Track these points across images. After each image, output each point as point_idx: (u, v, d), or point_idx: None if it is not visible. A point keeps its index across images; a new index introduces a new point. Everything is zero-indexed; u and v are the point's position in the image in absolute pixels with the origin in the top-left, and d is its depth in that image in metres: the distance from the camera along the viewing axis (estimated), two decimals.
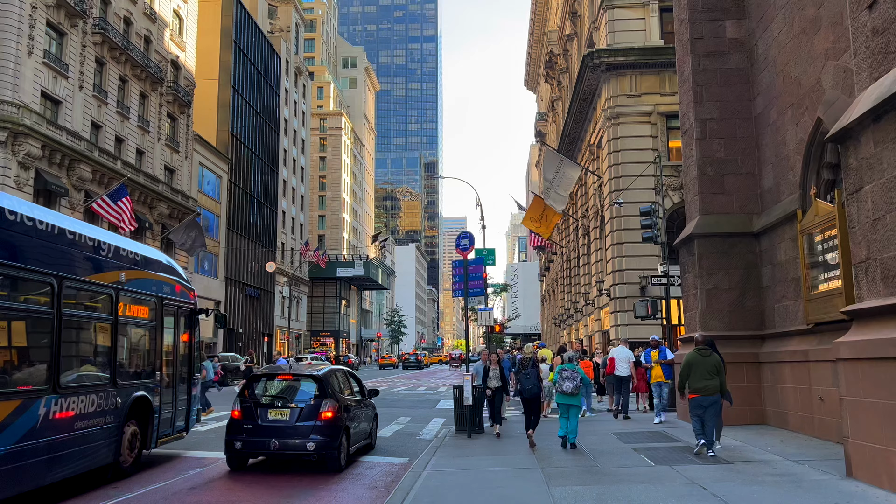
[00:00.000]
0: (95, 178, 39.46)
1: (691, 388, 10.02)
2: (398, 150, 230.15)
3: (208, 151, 56.42)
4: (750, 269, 13.89)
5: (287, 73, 78.07)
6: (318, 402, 9.72)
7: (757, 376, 13.43)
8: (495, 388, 13.45)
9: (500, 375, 13.52)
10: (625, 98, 32.02)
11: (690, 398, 10.05)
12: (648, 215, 18.49)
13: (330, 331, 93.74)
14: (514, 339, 78.21)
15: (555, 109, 56.93)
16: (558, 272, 56.04)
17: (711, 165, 14.35)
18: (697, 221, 14.22)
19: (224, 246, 59.01)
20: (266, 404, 9.78)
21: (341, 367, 11.77)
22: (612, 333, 31.00)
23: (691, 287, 14.48)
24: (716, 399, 9.93)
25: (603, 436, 12.78)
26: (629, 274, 29.88)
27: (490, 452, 11.33)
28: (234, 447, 9.61)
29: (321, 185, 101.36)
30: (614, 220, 31.14)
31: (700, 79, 14.67)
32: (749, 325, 13.72)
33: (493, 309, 45.06)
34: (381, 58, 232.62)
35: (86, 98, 39.76)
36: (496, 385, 13.46)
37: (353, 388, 11.40)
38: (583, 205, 41.39)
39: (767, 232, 13.43)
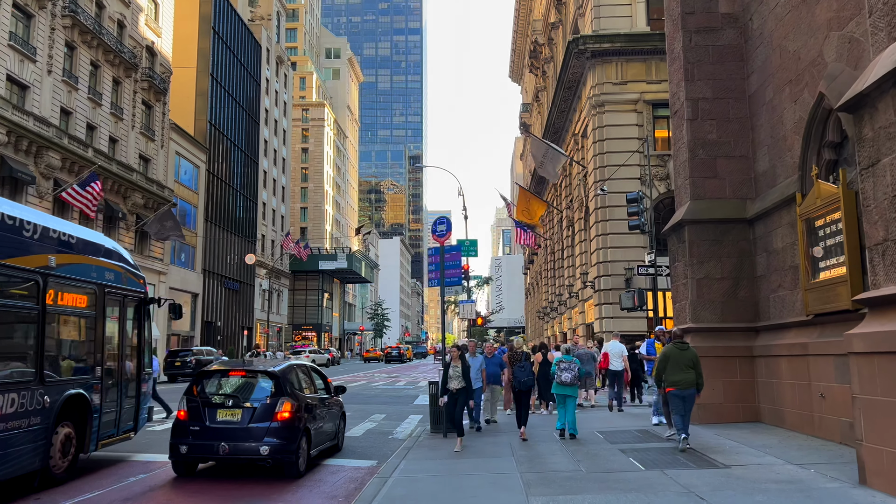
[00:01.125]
0: (65, 166, 38.09)
1: (668, 381, 10.15)
2: (383, 143, 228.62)
3: (185, 140, 55.00)
4: (743, 257, 13.09)
5: (268, 61, 76.57)
6: (274, 401, 8.77)
7: (751, 371, 12.65)
8: (457, 389, 11.29)
9: (463, 374, 11.33)
10: (610, 86, 31.21)
11: (668, 391, 10.20)
12: (635, 202, 17.66)
13: (312, 324, 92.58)
14: (499, 333, 77.56)
15: (539, 100, 56.08)
16: (542, 265, 55.30)
17: (703, 148, 13.52)
18: (688, 207, 13.39)
19: (202, 237, 57.67)
20: (215, 404, 8.79)
21: (303, 362, 10.81)
22: (596, 326, 30.24)
23: (681, 276, 13.66)
24: (692, 392, 10.13)
25: (588, 435, 11.93)
26: (614, 265, 29.12)
27: (466, 454, 10.45)
28: (179, 451, 8.63)
29: (303, 176, 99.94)
30: (599, 210, 30.34)
31: (691, 56, 13.82)
32: (742, 317, 12.93)
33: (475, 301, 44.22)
34: (366, 50, 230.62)
35: (55, 83, 38.34)
36: (458, 386, 11.29)
37: (315, 386, 10.45)
38: (567, 196, 40.59)
39: (762, 218, 12.63)
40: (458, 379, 11.33)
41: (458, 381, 11.33)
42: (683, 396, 10.03)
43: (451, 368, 11.43)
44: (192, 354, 38.36)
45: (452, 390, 11.32)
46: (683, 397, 10.03)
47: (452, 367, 11.43)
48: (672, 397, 10.17)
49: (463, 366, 11.37)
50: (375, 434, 13.82)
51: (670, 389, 10.12)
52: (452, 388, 11.31)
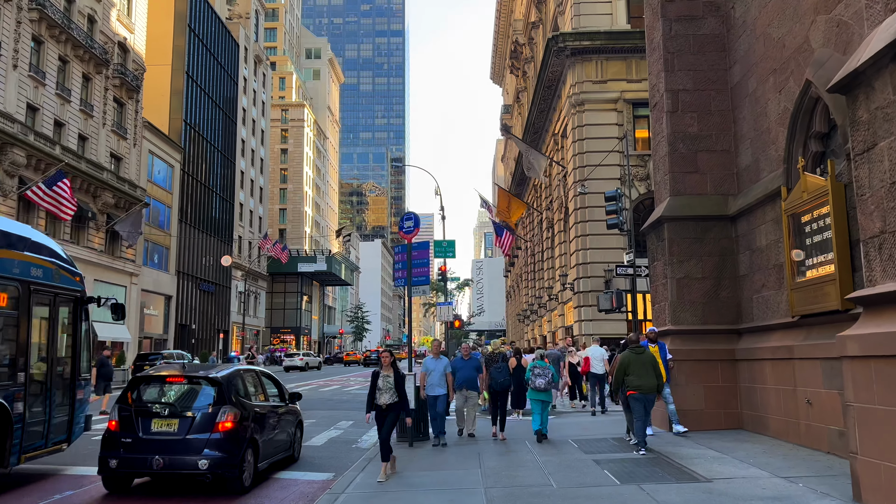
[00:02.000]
0: (31, 164, 36.85)
1: (631, 385, 10.18)
2: (365, 145, 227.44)
3: (159, 139, 53.78)
4: (725, 255, 12.49)
5: (246, 61, 75.42)
6: (216, 409, 7.95)
7: (733, 375, 12.03)
8: (388, 405, 9.00)
9: (395, 385, 9.08)
10: (590, 84, 30.70)
11: (630, 395, 10.20)
12: (614, 200, 17.03)
13: (291, 327, 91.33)
14: (480, 336, 76.89)
15: (520, 101, 55.58)
16: (523, 267, 54.74)
17: (683, 141, 12.91)
18: (668, 203, 12.77)
19: (176, 238, 56.41)
20: (151, 413, 7.95)
21: (253, 367, 9.99)
22: (575, 329, 29.65)
23: (660, 276, 13.04)
24: (653, 398, 10.25)
25: (563, 443, 11.24)
26: (594, 267, 28.56)
27: (430, 466, 9.71)
28: (108, 466, 7.78)
29: (282, 177, 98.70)
30: (578, 210, 29.79)
31: (671, 45, 13.22)
32: (724, 319, 12.31)
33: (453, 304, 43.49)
34: (348, 51, 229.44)
35: (20, 78, 37.10)
36: (389, 401, 8.99)
37: (266, 393, 9.65)
38: (547, 197, 40.04)
39: (745, 214, 12.03)
40: (391, 392, 9.06)
41: (389, 395, 9.03)
42: (646, 400, 10.13)
43: (381, 379, 9.14)
44: (162, 358, 37.22)
45: (382, 406, 9.01)
46: (646, 401, 10.13)
47: (383, 376, 9.13)
48: (633, 401, 10.17)
49: (396, 375, 9.15)
50: (339, 443, 13.02)
51: (632, 393, 10.15)
52: (382, 403, 9.00)
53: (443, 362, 11.65)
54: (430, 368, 11.64)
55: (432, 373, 11.60)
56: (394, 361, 9.31)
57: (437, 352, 11.87)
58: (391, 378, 9.11)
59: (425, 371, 11.68)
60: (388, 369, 9.20)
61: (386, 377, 9.12)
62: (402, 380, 9.23)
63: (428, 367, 11.68)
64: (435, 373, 11.56)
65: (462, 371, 12.06)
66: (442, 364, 11.62)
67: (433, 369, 11.60)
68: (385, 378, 9.11)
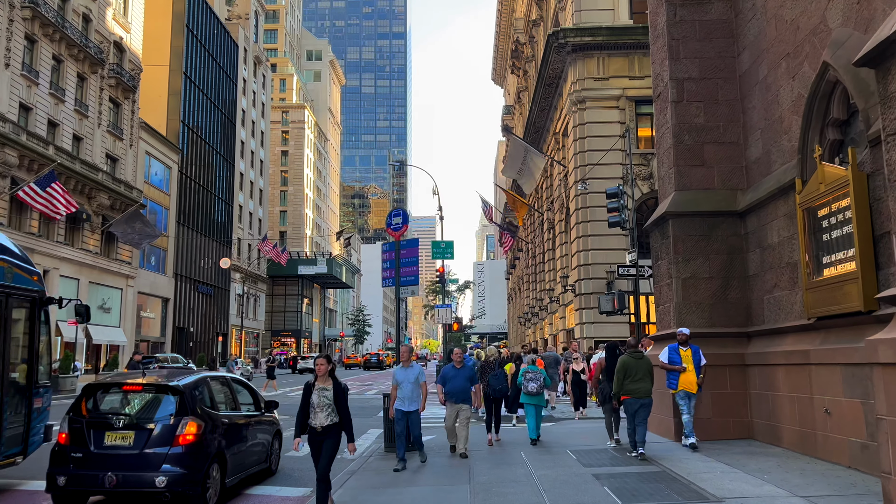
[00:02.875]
0: (24, 164, 36.25)
1: (625, 389, 10.07)
2: (367, 148, 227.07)
3: (156, 140, 53.18)
4: (734, 254, 11.74)
5: (245, 61, 74.86)
6: (177, 421, 7.23)
7: (743, 381, 11.27)
8: (324, 427, 7.03)
9: (335, 401, 7.07)
10: (592, 81, 29.96)
11: (624, 399, 10.09)
12: (616, 197, 16.28)
13: (291, 330, 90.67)
14: (481, 339, 76.10)
15: (521, 101, 54.87)
16: (524, 269, 53.99)
17: (689, 133, 12.17)
18: (672, 198, 12.02)
19: (174, 240, 55.78)
20: (104, 425, 7.22)
21: (223, 374, 9.25)
22: (577, 332, 28.88)
23: (665, 276, 12.28)
24: (647, 402, 10.06)
25: (560, 454, 10.49)
26: (595, 268, 27.80)
27: (416, 481, 8.97)
28: (56, 483, 7.05)
29: (283, 179, 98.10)
30: (580, 210, 29.04)
31: (676, 32, 12.48)
32: (733, 321, 11.56)
33: (451, 306, 42.73)
34: (350, 54, 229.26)
35: (13, 77, 36.52)
36: (326, 422, 7.02)
37: (238, 402, 8.90)
38: (548, 198, 39.30)
39: (755, 210, 11.28)
40: (328, 410, 7.03)
41: (327, 414, 7.01)
42: (635, 407, 10.00)
43: (315, 393, 7.08)
44: (157, 362, 36.55)
45: (317, 429, 7.00)
46: (635, 408, 10.00)
47: (319, 390, 7.09)
48: (627, 405, 10.09)
49: (336, 389, 7.10)
50: None
51: (626, 398, 10.06)
52: (317, 424, 6.98)
53: (414, 371, 9.98)
54: (400, 380, 9.95)
55: (402, 384, 9.92)
56: (333, 370, 7.25)
57: (408, 358, 10.19)
58: (329, 392, 7.05)
59: (395, 384, 10.03)
60: (326, 381, 7.15)
61: (322, 391, 7.06)
62: (343, 394, 7.20)
63: (397, 379, 10.00)
64: (405, 384, 9.90)
65: (453, 381, 10.59)
66: (414, 373, 9.96)
67: (402, 380, 9.92)
68: (321, 392, 7.05)
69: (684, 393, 10.34)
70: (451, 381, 10.66)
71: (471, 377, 10.79)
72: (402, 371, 10.05)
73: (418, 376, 9.98)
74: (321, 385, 7.17)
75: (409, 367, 10.06)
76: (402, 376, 9.97)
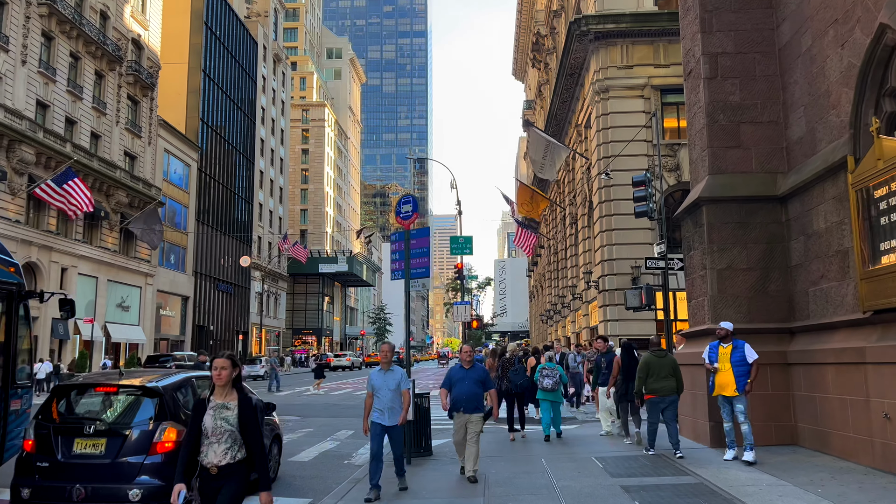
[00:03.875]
0: (41, 162, 36.09)
1: (648, 388, 9.91)
2: (388, 147, 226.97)
3: (175, 138, 53.00)
4: (774, 242, 10.75)
5: (265, 59, 74.61)
6: (156, 427, 6.49)
7: (786, 382, 10.28)
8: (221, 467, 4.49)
9: (241, 428, 4.53)
10: (615, 70, 28.90)
11: (647, 398, 9.94)
12: (642, 185, 15.30)
13: (312, 328, 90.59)
14: (503, 337, 75.21)
15: (542, 94, 53.83)
16: (546, 266, 52.97)
17: (724, 112, 11.19)
18: (706, 183, 11.05)
19: (193, 238, 55.57)
20: (73, 431, 6.51)
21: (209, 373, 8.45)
22: (601, 329, 27.86)
23: (698, 268, 11.32)
24: (673, 400, 9.85)
25: (585, 461, 9.61)
26: (620, 264, 26.77)
27: (425, 492, 8.16)
28: (20, 496, 6.34)
29: (303, 178, 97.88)
30: (603, 204, 28.02)
31: (709, 3, 11.50)
32: (774, 316, 10.58)
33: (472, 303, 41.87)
34: (371, 53, 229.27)
35: (30, 74, 36.37)
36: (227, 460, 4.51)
37: None
38: (570, 192, 38.26)
39: (798, 193, 10.29)
40: (229, 439, 4.51)
41: (227, 446, 4.51)
42: (663, 405, 9.80)
43: (210, 413, 4.56)
44: (174, 360, 36.11)
45: (210, 469, 4.47)
46: (662, 406, 9.80)
47: (215, 408, 4.56)
48: (651, 405, 9.94)
49: (241, 407, 4.57)
50: (330, 458, 11.51)
51: (650, 397, 9.89)
52: (210, 463, 4.47)
53: (395, 376, 8.16)
54: (377, 385, 8.12)
55: (380, 392, 8.07)
56: (238, 377, 4.70)
57: (389, 360, 8.29)
58: (231, 413, 4.50)
59: (370, 390, 8.20)
60: (228, 394, 4.61)
61: (220, 410, 4.52)
62: (253, 415, 4.63)
63: (373, 384, 8.15)
64: (383, 391, 8.05)
65: (461, 385, 8.74)
66: (394, 378, 8.13)
67: (380, 386, 8.09)
68: (218, 412, 4.52)
69: (721, 397, 9.27)
70: (459, 385, 8.78)
71: (483, 380, 8.80)
72: (379, 375, 8.19)
73: (400, 382, 8.14)
74: (219, 401, 4.57)
75: (390, 370, 8.20)
76: (379, 381, 8.12)
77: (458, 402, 8.76)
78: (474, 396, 8.72)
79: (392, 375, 8.16)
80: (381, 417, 8.05)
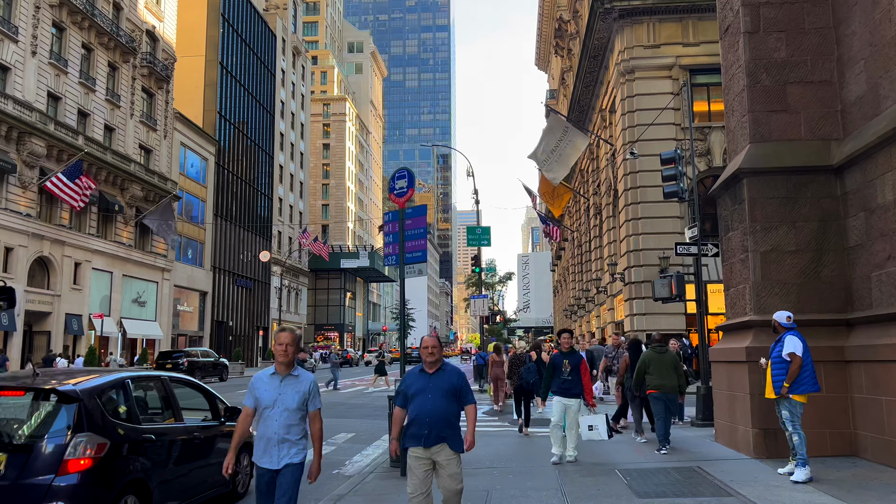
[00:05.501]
0: (52, 154, 35.44)
1: (651, 384, 9.99)
2: (411, 142, 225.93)
3: (192, 131, 52.29)
4: (828, 220, 9.25)
5: (283, 52, 73.79)
6: (71, 439, 5.27)
7: (843, 382, 8.80)
8: None
9: None
10: (641, 49, 27.37)
11: (650, 393, 10.03)
12: (672, 163, 13.81)
13: (334, 324, 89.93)
14: (527, 333, 73.80)
15: (565, 82, 52.15)
16: (569, 259, 51.37)
17: (767, 71, 9.70)
18: (748, 152, 9.58)
19: (211, 233, 54.91)
20: None
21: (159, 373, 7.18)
22: (626, 324, 26.36)
23: (738, 251, 9.86)
24: (673, 398, 10.11)
25: (607, 474, 8.24)
26: (647, 254, 25.25)
27: None
28: None
29: (325, 173, 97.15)
30: (629, 192, 26.50)
31: None
32: (828, 305, 9.09)
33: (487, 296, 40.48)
34: (394, 48, 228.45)
35: (40, 65, 35.72)
36: None
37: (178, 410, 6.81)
38: (594, 181, 36.68)
39: (858, 162, 8.78)
40: None
41: None
42: (667, 399, 9.92)
43: None
44: (186, 356, 35.33)
45: None
46: (667, 400, 9.91)
47: None
48: (654, 400, 9.99)
49: None
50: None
51: (652, 392, 9.97)
52: None
53: (301, 385, 4.99)
54: (265, 401, 4.97)
55: (268, 413, 4.93)
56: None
57: (290, 361, 5.01)
58: None
59: (251, 409, 5.06)
60: None
61: None
62: None
63: (260, 397, 4.99)
64: (275, 412, 4.92)
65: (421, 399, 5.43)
66: (297, 390, 4.98)
67: (269, 402, 4.95)
68: None
69: (783, 402, 7.70)
70: (419, 399, 5.43)
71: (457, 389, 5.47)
72: (269, 383, 4.99)
73: (306, 397, 4.96)
74: None
75: (293, 375, 5.00)
76: (268, 394, 4.95)
77: (416, 427, 5.41)
78: (445, 417, 5.38)
79: (294, 386, 4.95)
80: (264, 455, 4.92)
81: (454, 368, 5.65)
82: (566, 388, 9.19)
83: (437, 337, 5.67)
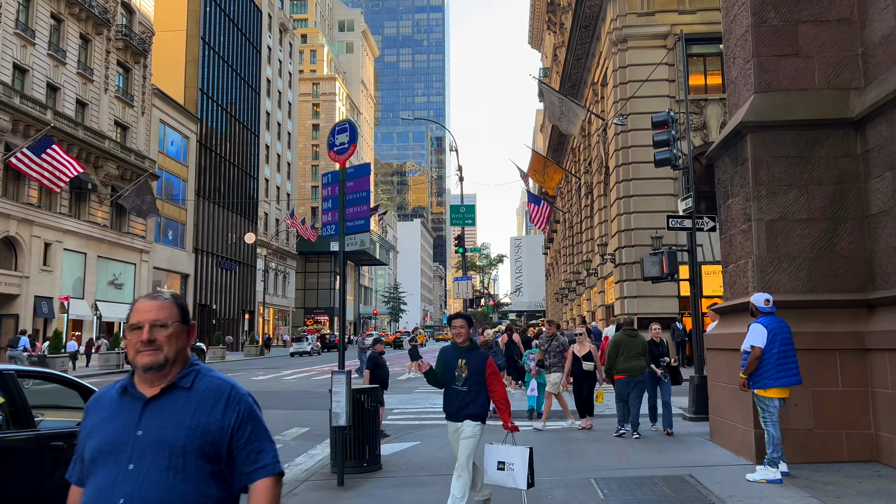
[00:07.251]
0: (18, 130, 33.76)
1: (618, 368, 9.90)
2: (404, 125, 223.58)
3: (172, 108, 50.50)
4: (846, 183, 7.83)
5: (270, 29, 71.75)
6: None
7: (862, 374, 7.43)
8: None
9: None
10: (634, 17, 25.84)
11: (617, 378, 9.95)
12: (664, 126, 12.35)
13: (324, 308, 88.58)
14: (519, 317, 72.62)
15: (557, 58, 50.53)
16: (561, 242, 50.01)
17: (776, 8, 8.23)
18: (752, 103, 8.12)
19: (193, 214, 53.28)
20: None
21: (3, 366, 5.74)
22: (617, 307, 25.03)
23: (739, 220, 8.44)
24: (642, 380, 9.86)
25: (579, 493, 6.86)
26: (638, 234, 23.88)
27: None
28: None
29: (314, 153, 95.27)
30: (620, 168, 25.08)
31: None
32: (845, 283, 7.69)
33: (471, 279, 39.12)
34: (387, 29, 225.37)
35: (4, 35, 33.93)
36: None
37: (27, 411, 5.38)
38: (585, 159, 35.21)
39: (882, 113, 7.35)
40: None
41: None
42: (632, 385, 9.77)
43: None
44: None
45: None
46: (631, 386, 9.77)
47: None
48: (621, 385, 9.88)
49: None
50: None
51: (619, 377, 9.87)
52: None
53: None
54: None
55: None
56: None
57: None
58: None
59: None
60: None
61: None
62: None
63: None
64: None
65: None
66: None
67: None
68: None
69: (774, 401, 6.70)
70: None
71: None
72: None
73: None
74: None
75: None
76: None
77: None
78: None
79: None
80: None
81: None
82: (458, 406, 5.76)
83: None
